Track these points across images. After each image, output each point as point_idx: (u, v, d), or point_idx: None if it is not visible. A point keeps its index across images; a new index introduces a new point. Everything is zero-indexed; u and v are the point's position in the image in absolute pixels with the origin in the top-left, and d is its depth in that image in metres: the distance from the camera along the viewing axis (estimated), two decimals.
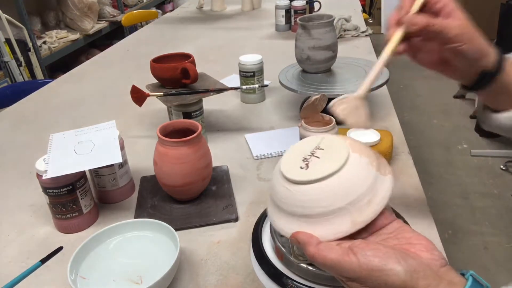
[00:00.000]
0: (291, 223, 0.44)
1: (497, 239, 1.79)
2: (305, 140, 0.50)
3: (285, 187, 0.45)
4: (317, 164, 0.44)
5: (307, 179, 0.43)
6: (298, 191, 0.43)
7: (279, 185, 0.46)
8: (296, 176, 0.44)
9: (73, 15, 2.93)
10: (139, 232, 0.67)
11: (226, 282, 0.60)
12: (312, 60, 1.03)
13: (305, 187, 0.43)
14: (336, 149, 0.45)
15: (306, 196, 0.43)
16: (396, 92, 3.17)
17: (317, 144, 0.47)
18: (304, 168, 0.44)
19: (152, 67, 0.95)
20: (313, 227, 0.43)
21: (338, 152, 0.44)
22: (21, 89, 1.55)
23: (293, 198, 0.44)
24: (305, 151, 0.47)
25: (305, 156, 0.46)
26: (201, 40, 1.87)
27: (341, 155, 0.44)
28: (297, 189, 0.43)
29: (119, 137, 0.77)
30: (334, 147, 0.46)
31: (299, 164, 0.45)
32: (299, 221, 0.44)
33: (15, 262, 0.67)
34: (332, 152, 0.45)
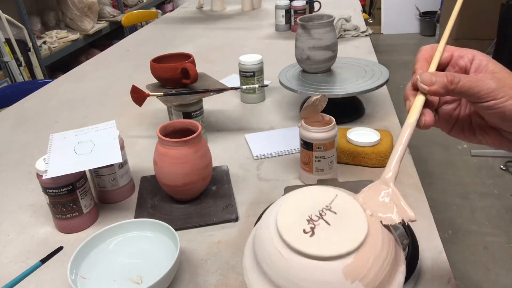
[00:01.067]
0: None
1: (497, 239, 1.79)
2: (314, 190, 0.39)
3: (280, 251, 0.34)
4: (326, 233, 0.34)
5: (315, 254, 0.33)
6: (298, 264, 0.33)
7: (271, 245, 0.35)
8: (298, 243, 0.34)
9: (73, 15, 2.93)
10: (139, 232, 0.67)
11: (226, 282, 0.60)
12: (312, 60, 1.03)
13: (309, 262, 0.33)
14: (352, 218, 0.36)
15: (308, 275, 0.33)
16: (396, 92, 3.17)
17: (329, 202, 0.37)
18: (309, 234, 0.34)
19: (152, 67, 0.95)
20: None
21: (354, 223, 0.35)
22: (21, 89, 1.55)
23: (288, 271, 0.34)
24: (313, 208, 0.37)
25: (311, 216, 0.36)
26: (201, 40, 1.87)
27: (358, 229, 0.35)
28: (297, 261, 0.33)
29: (119, 137, 0.77)
30: (348, 213, 0.36)
31: (302, 224, 0.35)
32: None
33: (15, 262, 0.67)
34: (346, 221, 0.36)
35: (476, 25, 3.14)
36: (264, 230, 0.37)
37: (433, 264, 0.61)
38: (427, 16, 4.45)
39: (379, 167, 0.83)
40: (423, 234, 0.65)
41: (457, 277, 1.61)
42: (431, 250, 0.63)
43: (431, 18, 4.40)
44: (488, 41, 2.82)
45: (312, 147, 0.76)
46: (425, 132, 2.64)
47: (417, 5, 4.52)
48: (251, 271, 0.38)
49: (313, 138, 0.75)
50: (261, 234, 0.37)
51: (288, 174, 0.85)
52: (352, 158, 0.84)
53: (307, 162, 0.78)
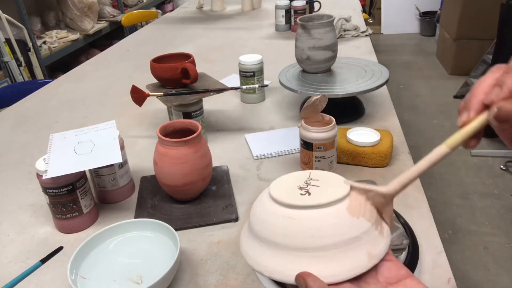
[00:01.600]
0: (294, 262, 0.36)
1: (497, 239, 1.79)
2: (292, 174, 0.43)
3: (286, 216, 0.37)
4: (320, 191, 0.38)
5: (318, 203, 0.36)
6: (308, 217, 0.36)
7: (273, 217, 0.38)
8: (301, 202, 0.37)
9: (73, 15, 2.93)
10: (139, 232, 0.67)
11: (226, 282, 0.60)
12: (312, 60, 1.03)
13: (315, 211, 0.36)
14: (332, 178, 0.40)
15: (316, 223, 0.36)
16: (396, 92, 3.17)
17: (308, 176, 0.41)
18: (306, 195, 0.38)
19: (152, 67, 0.95)
20: (325, 263, 0.35)
21: (336, 181, 0.40)
22: (21, 89, 1.55)
23: (298, 228, 0.36)
24: (298, 181, 0.40)
25: (300, 186, 0.40)
26: (201, 40, 1.87)
27: (342, 183, 0.39)
28: (305, 215, 0.36)
29: (119, 137, 0.77)
30: (328, 178, 0.41)
31: (297, 192, 0.39)
32: (307, 257, 0.35)
33: (15, 262, 0.67)
34: (329, 181, 0.40)
35: (476, 25, 3.14)
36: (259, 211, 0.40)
37: (433, 264, 0.61)
38: (427, 16, 4.44)
39: (379, 167, 0.83)
40: (423, 234, 0.65)
41: (457, 277, 1.61)
42: (431, 250, 0.63)
43: (431, 18, 4.40)
44: (488, 41, 2.82)
45: (312, 147, 0.76)
46: (425, 132, 2.64)
47: (417, 5, 4.52)
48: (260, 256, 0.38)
49: (313, 138, 0.75)
50: (258, 215, 0.39)
51: None
52: (352, 158, 0.84)
53: (307, 162, 0.78)
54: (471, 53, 3.18)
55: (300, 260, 0.36)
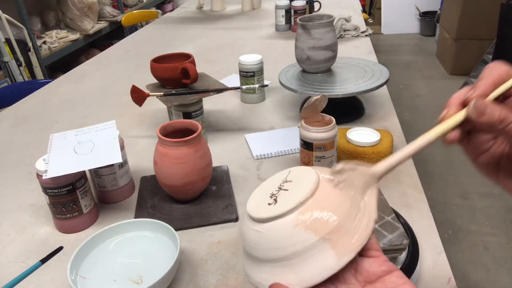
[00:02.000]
0: (267, 272, 0.37)
1: (497, 239, 1.79)
2: (271, 178, 0.44)
3: (254, 229, 0.38)
4: (286, 196, 0.38)
5: (276, 214, 0.37)
6: (269, 229, 0.37)
7: (248, 230, 0.39)
8: (265, 214, 0.37)
9: (73, 15, 2.93)
10: (139, 232, 0.67)
11: (226, 282, 0.60)
12: (312, 60, 1.03)
13: (275, 223, 0.37)
14: (304, 177, 0.40)
15: (278, 233, 0.36)
16: (396, 92, 3.17)
17: (284, 177, 0.42)
18: (273, 204, 0.38)
19: (152, 67, 0.95)
20: (294, 271, 0.36)
21: (307, 178, 0.39)
22: (21, 89, 1.55)
23: (265, 240, 0.37)
24: (272, 187, 0.41)
25: (272, 192, 0.40)
26: (201, 40, 1.87)
27: (310, 180, 0.38)
28: (267, 227, 0.37)
29: (119, 137, 0.77)
30: (302, 176, 0.40)
31: (267, 201, 0.39)
32: (277, 267, 0.37)
33: (15, 262, 0.67)
34: (300, 181, 0.39)
35: (476, 25, 3.14)
36: (243, 224, 0.41)
37: (433, 264, 0.61)
38: (427, 16, 4.45)
39: None
40: (423, 234, 0.65)
41: (457, 277, 1.61)
42: (431, 250, 0.63)
43: (431, 18, 4.40)
44: (488, 41, 2.82)
45: (312, 147, 0.76)
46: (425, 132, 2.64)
47: (417, 5, 4.52)
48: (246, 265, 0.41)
49: (313, 138, 0.75)
50: (242, 227, 0.41)
51: None
52: (352, 158, 0.84)
53: (307, 162, 0.78)
54: (471, 53, 3.18)
55: (273, 271, 0.37)
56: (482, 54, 2.87)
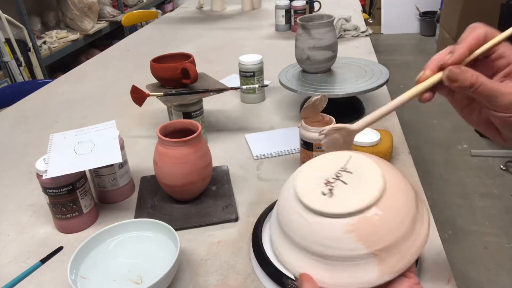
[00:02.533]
0: (303, 261, 0.36)
1: (497, 239, 1.79)
2: (328, 155, 0.40)
3: (302, 215, 0.36)
4: (344, 192, 0.36)
5: (333, 212, 0.34)
6: (320, 224, 0.35)
7: (292, 211, 0.37)
8: (317, 205, 0.35)
9: (73, 15, 2.93)
10: (139, 232, 0.67)
11: (226, 282, 0.60)
12: (312, 60, 1.03)
13: (329, 221, 0.34)
14: (368, 175, 0.37)
15: (329, 233, 0.34)
16: (396, 92, 3.14)
17: (344, 164, 0.39)
18: (328, 195, 0.36)
19: (152, 67, 0.95)
20: (331, 271, 0.35)
21: (371, 180, 0.36)
22: (21, 89, 1.55)
23: (311, 232, 0.35)
24: (329, 172, 0.38)
25: (328, 179, 0.37)
26: (201, 40, 1.87)
27: (375, 186, 0.36)
28: (318, 221, 0.35)
29: (119, 137, 0.77)
30: (364, 172, 0.37)
31: (321, 188, 0.36)
32: (315, 261, 0.35)
33: (15, 262, 0.67)
34: (363, 178, 0.37)
35: None
36: (284, 198, 0.38)
37: (433, 264, 0.61)
38: (427, 16, 4.44)
39: None
40: None
41: (457, 277, 1.61)
42: (431, 250, 0.63)
43: (431, 18, 4.40)
44: None
45: (312, 147, 0.76)
46: (425, 132, 2.64)
47: (417, 5, 4.52)
48: (278, 241, 0.39)
49: (313, 138, 0.75)
50: (283, 202, 0.38)
51: (288, 174, 0.84)
52: None
53: None
54: None
55: (310, 262, 0.36)
56: None
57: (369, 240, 0.33)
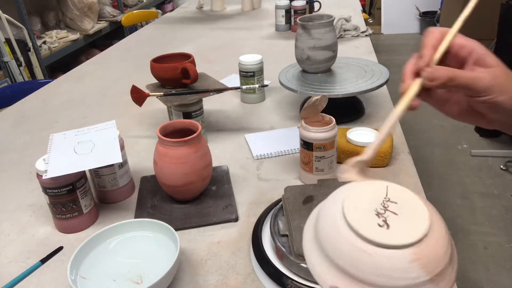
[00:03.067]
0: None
1: (497, 239, 1.79)
2: (365, 184, 0.41)
3: (359, 247, 0.35)
4: (398, 222, 0.36)
5: (395, 244, 0.34)
6: (383, 256, 0.34)
7: (344, 241, 0.36)
8: (375, 236, 0.35)
9: (73, 15, 2.93)
10: (139, 232, 0.67)
11: (226, 282, 0.60)
12: (312, 60, 1.03)
13: (391, 252, 0.34)
14: (411, 204, 0.38)
15: (391, 264, 0.34)
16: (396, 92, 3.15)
17: (385, 194, 0.39)
18: (384, 227, 0.35)
19: (152, 67, 0.95)
20: None
21: (417, 209, 0.37)
22: (21, 89, 1.55)
23: (372, 264, 0.34)
24: (375, 202, 0.38)
25: (378, 210, 0.37)
26: (201, 40, 1.87)
27: (423, 213, 0.37)
28: (380, 253, 0.34)
29: (119, 137, 0.77)
30: (406, 200, 0.38)
31: (374, 219, 0.36)
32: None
33: (15, 262, 0.67)
34: (408, 208, 0.37)
35: (476, 25, 3.14)
36: (329, 224, 0.38)
37: None
38: (427, 16, 4.44)
39: (379, 167, 0.83)
40: None
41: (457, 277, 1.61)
42: None
43: (431, 18, 4.40)
44: (488, 41, 2.81)
45: (312, 147, 0.76)
46: (425, 132, 2.64)
47: (417, 5, 4.52)
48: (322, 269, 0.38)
49: (313, 138, 0.75)
50: (326, 226, 0.38)
51: (288, 174, 0.85)
52: None
53: (307, 162, 0.78)
54: None
55: None
56: None
57: (430, 267, 0.34)
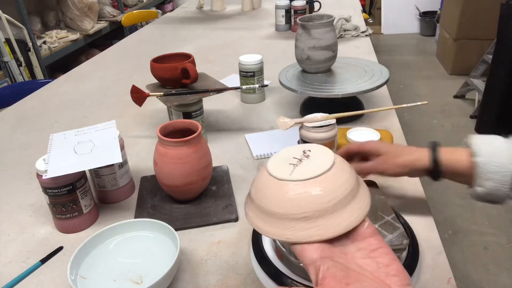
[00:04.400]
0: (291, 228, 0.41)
1: (497, 239, 1.79)
2: (290, 148, 0.48)
3: (271, 184, 0.43)
4: (305, 167, 0.44)
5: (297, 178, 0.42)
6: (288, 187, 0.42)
7: (261, 183, 0.44)
8: (285, 176, 0.43)
9: (73, 15, 2.93)
10: (139, 232, 0.67)
11: (226, 282, 0.60)
12: (312, 60, 1.03)
13: (295, 183, 0.42)
14: (322, 157, 0.45)
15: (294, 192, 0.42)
16: (396, 92, 3.17)
17: (303, 151, 0.47)
18: (292, 170, 0.43)
19: (152, 67, 0.95)
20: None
21: (323, 160, 0.44)
22: (21, 89, 1.55)
23: (281, 196, 0.42)
24: (293, 157, 0.46)
25: (292, 161, 0.45)
26: (201, 40, 1.87)
27: (326, 163, 0.44)
28: (292, 187, 0.42)
29: (119, 137, 0.77)
30: (318, 154, 0.46)
31: (288, 166, 0.44)
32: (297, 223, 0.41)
33: (15, 262, 0.67)
34: (317, 159, 0.45)
35: (476, 25, 3.14)
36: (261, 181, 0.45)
37: (433, 264, 0.61)
38: (427, 16, 4.44)
39: None
40: (423, 234, 0.65)
41: (457, 277, 1.61)
42: (431, 250, 0.63)
43: (431, 18, 4.40)
44: (488, 41, 2.81)
45: None
46: (425, 132, 2.64)
47: (417, 5, 4.52)
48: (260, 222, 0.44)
49: (313, 138, 0.75)
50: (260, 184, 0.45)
51: None
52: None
53: None
54: (471, 53, 3.18)
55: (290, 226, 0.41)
56: (482, 54, 2.87)
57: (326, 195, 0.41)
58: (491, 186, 0.57)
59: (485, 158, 0.58)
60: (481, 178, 0.58)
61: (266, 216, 0.43)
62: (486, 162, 0.57)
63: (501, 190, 0.57)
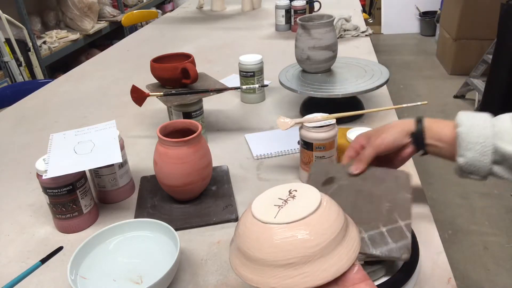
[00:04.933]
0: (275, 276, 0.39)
1: (497, 239, 1.79)
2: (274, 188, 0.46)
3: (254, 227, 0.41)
4: (291, 209, 0.42)
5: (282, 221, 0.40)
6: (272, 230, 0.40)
7: (244, 226, 0.43)
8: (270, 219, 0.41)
9: (73, 15, 2.93)
10: (139, 232, 0.67)
11: (226, 282, 0.60)
12: (312, 60, 1.03)
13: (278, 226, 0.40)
14: (308, 197, 0.43)
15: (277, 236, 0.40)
16: (396, 92, 3.17)
17: (288, 192, 0.45)
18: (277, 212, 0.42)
19: (152, 67, 0.95)
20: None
21: (309, 201, 0.42)
22: (21, 89, 1.55)
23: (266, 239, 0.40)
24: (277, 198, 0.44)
25: (278, 203, 0.43)
26: (201, 40, 1.87)
27: (312, 204, 0.42)
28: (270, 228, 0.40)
29: (119, 137, 0.77)
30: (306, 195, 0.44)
31: (273, 208, 0.42)
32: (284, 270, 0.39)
33: (15, 262, 0.67)
34: (303, 200, 0.43)
35: (476, 25, 3.14)
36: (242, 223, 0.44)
37: (433, 264, 0.61)
38: (427, 16, 4.44)
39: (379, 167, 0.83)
40: (423, 234, 0.65)
41: (457, 277, 1.61)
42: (431, 250, 0.63)
43: (431, 18, 4.40)
44: (488, 41, 2.81)
45: (312, 147, 0.76)
46: None
47: (417, 5, 4.52)
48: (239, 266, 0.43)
49: (313, 138, 0.75)
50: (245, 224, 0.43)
51: (288, 174, 0.85)
52: None
53: (307, 162, 0.78)
54: (471, 53, 3.18)
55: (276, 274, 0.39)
56: (482, 54, 2.87)
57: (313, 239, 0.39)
58: (471, 156, 0.58)
59: (466, 128, 0.58)
60: (462, 147, 0.59)
61: (250, 262, 0.41)
62: (467, 132, 0.58)
63: (482, 162, 0.58)
